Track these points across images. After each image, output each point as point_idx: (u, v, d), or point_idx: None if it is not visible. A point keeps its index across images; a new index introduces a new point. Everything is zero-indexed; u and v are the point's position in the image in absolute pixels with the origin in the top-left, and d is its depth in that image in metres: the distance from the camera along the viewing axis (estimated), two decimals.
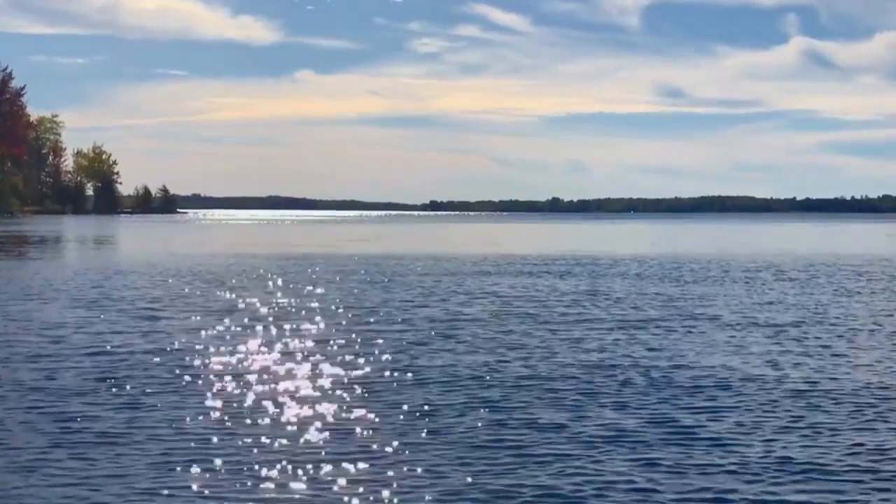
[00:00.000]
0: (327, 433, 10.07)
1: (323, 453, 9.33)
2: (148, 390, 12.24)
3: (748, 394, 12.30)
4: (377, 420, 10.66)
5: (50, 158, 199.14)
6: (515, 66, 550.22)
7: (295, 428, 10.31)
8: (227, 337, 17.07)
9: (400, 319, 19.79)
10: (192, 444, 9.62)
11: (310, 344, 16.33)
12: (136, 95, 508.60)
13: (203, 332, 17.51)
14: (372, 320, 19.62)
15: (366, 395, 12.10)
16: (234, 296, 24.59)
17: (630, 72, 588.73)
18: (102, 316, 20.04)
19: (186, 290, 26.12)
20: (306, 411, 11.07)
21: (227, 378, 13.12)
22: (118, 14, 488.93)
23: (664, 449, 9.56)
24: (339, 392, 12.23)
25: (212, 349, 15.58)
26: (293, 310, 21.54)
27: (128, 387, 12.45)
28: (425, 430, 10.23)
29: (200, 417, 10.77)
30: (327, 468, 8.83)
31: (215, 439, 9.84)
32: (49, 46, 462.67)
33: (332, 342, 16.45)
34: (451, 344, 16.39)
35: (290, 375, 13.35)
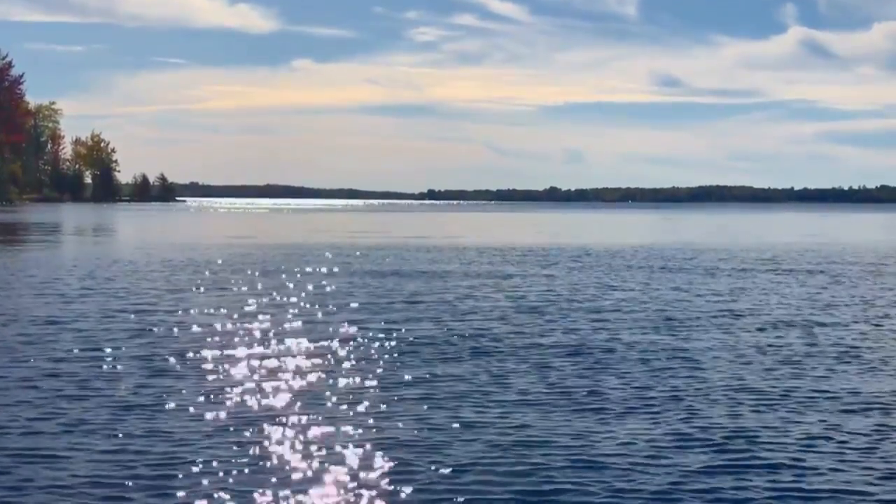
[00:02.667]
0: (323, 431, 10.12)
1: (318, 451, 9.36)
2: (141, 385, 12.24)
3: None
4: (379, 420, 10.67)
5: (48, 146, 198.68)
6: (513, 55, 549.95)
7: (285, 424, 10.38)
8: (222, 331, 17.08)
9: (401, 315, 19.75)
10: (185, 442, 9.63)
11: (303, 338, 16.26)
12: (134, 83, 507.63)
13: (197, 328, 17.48)
14: (376, 316, 19.57)
15: (363, 393, 12.11)
16: (230, 289, 24.70)
17: (628, 61, 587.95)
18: (97, 308, 20.04)
19: (181, 282, 26.09)
20: (299, 408, 11.11)
21: (219, 371, 13.21)
22: (116, 2, 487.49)
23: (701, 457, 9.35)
24: (331, 386, 12.32)
25: (206, 343, 15.64)
26: (288, 303, 21.61)
27: (122, 381, 12.47)
28: (424, 430, 10.28)
29: (192, 414, 10.82)
30: (321, 467, 8.86)
31: (206, 435, 9.89)
32: (47, 34, 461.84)
33: (325, 335, 16.53)
34: (460, 342, 16.44)
35: (283, 369, 13.39)
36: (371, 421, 10.38)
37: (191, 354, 14.35)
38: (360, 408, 10.99)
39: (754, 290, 25.30)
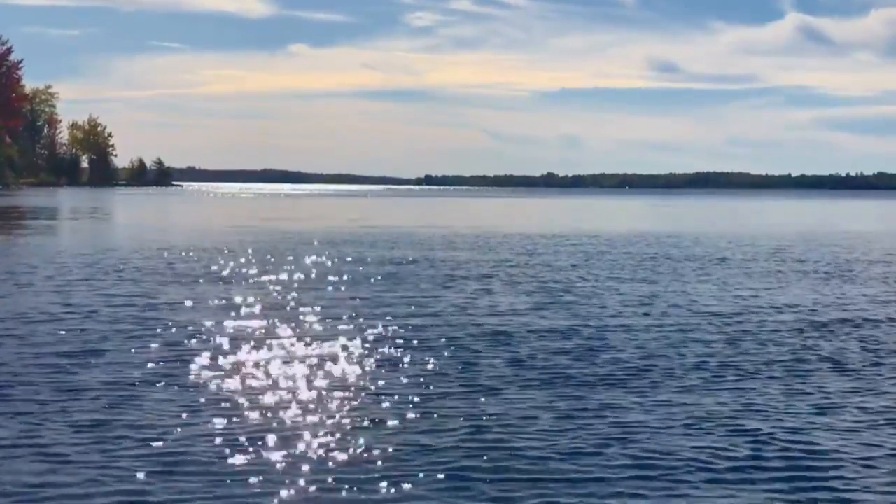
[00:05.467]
0: (317, 427, 9.87)
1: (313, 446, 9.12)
2: (139, 380, 11.84)
3: None
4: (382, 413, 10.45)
5: (45, 130, 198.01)
6: (510, 40, 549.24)
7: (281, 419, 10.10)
8: (219, 324, 16.85)
9: (404, 305, 19.52)
10: (181, 439, 9.33)
11: (300, 333, 16.04)
12: (131, 68, 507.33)
13: (193, 319, 17.29)
14: (381, 309, 19.38)
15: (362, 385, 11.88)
16: (230, 279, 24.50)
17: (624, 47, 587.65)
18: (95, 297, 19.74)
19: (180, 271, 25.90)
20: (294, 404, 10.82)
21: (218, 366, 12.89)
22: None
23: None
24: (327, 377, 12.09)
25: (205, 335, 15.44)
26: (288, 294, 21.40)
27: (119, 374, 12.11)
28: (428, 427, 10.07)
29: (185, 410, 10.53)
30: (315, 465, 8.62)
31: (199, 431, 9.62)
32: (42, 18, 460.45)
33: (320, 325, 16.33)
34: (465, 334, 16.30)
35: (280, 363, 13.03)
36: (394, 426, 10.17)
37: (187, 349, 14.13)
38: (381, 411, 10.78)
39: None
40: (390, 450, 8.93)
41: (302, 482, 8.06)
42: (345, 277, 23.97)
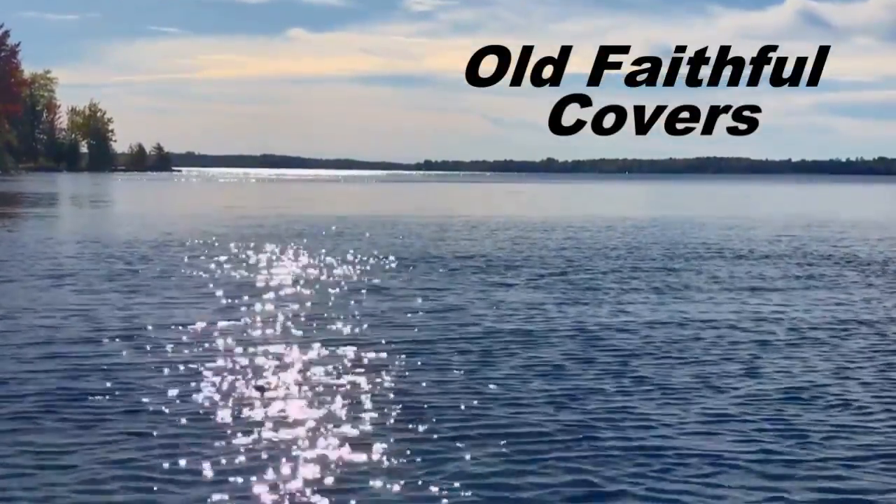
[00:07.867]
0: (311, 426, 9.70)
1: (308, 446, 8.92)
2: (131, 379, 11.53)
3: None
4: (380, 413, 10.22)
5: (44, 116, 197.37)
6: (509, 25, 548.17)
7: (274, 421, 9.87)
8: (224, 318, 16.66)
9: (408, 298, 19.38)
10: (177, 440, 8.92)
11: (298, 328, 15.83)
12: (129, 53, 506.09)
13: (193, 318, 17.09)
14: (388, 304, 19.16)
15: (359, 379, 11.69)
16: (232, 273, 24.29)
17: (623, 31, 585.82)
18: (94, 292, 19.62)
19: (182, 262, 25.74)
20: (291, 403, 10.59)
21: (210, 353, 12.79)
22: None
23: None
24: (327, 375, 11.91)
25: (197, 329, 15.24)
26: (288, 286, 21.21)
27: (115, 372, 11.81)
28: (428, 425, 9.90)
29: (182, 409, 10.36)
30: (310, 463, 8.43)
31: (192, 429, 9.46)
32: (41, 2, 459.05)
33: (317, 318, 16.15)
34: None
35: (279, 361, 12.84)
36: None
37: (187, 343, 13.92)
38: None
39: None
40: (402, 453, 8.61)
41: (301, 488, 7.72)
42: (362, 268, 23.81)
